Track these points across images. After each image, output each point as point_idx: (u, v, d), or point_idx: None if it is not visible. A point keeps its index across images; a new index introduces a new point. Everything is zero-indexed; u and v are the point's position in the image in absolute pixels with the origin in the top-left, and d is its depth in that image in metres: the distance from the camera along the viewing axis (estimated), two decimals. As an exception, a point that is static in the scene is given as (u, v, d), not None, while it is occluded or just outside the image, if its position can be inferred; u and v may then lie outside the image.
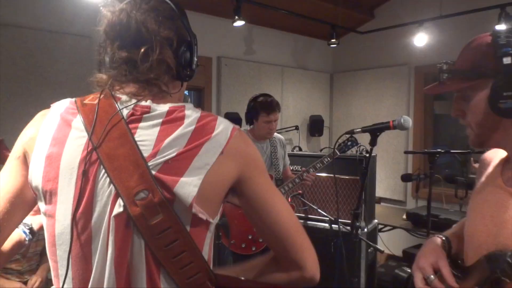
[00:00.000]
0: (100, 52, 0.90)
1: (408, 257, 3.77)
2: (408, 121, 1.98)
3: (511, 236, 0.91)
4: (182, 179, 0.77)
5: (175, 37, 0.86)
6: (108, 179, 0.77)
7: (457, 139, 4.67)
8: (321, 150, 4.62)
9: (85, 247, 0.78)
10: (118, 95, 0.85)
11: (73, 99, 0.88)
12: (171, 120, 0.82)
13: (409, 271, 3.44)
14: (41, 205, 0.83)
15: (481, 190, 1.05)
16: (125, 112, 0.82)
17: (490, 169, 1.06)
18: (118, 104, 0.83)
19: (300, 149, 4.23)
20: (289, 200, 2.90)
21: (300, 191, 3.09)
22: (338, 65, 5.20)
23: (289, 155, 3.03)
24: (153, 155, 0.78)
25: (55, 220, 0.80)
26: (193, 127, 0.81)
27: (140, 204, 0.75)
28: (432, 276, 1.01)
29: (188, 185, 0.77)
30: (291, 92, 4.70)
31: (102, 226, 0.77)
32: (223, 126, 0.85)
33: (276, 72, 4.54)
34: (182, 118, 0.82)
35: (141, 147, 0.78)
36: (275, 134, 2.82)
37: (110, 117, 0.81)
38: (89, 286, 0.78)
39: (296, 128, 4.51)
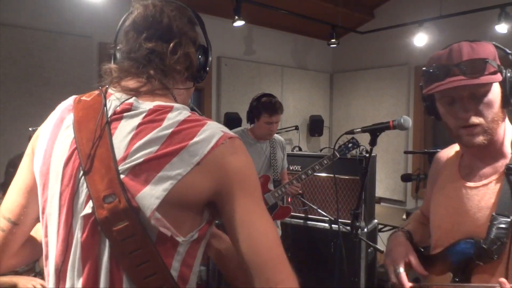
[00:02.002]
0: (115, 46, 0.91)
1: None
2: (408, 121, 1.98)
3: (473, 224, 1.03)
4: (146, 188, 0.73)
5: (197, 39, 0.92)
6: (84, 180, 0.77)
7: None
8: (321, 150, 4.62)
9: (64, 240, 0.79)
10: (112, 91, 0.85)
11: (75, 96, 0.89)
12: (149, 121, 0.78)
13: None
14: (39, 196, 0.85)
15: (443, 186, 1.17)
16: (112, 109, 0.81)
17: (447, 166, 1.19)
18: (107, 101, 0.83)
19: (300, 149, 4.23)
20: (289, 200, 2.90)
21: (300, 191, 3.09)
22: (338, 65, 5.20)
23: (289, 155, 3.03)
24: (123, 158, 0.76)
25: (46, 214, 0.83)
26: (169, 131, 0.76)
27: (107, 208, 0.74)
28: (401, 268, 1.11)
29: (150, 196, 0.73)
30: (291, 92, 4.70)
31: (77, 225, 0.78)
32: (207, 134, 0.76)
33: (276, 72, 4.54)
34: (161, 120, 0.77)
35: (116, 150, 0.77)
36: (276, 135, 2.82)
37: (97, 115, 0.81)
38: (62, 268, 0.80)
39: (296, 128, 4.51)
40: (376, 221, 3.31)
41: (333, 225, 3.00)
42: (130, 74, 0.86)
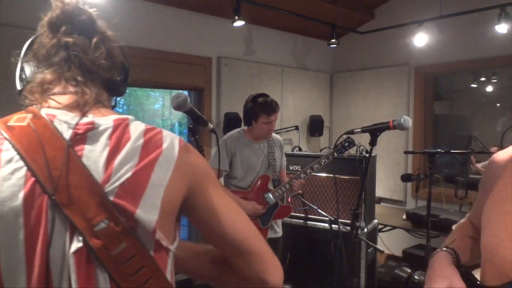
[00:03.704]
0: (24, 63, 0.86)
1: (408, 257, 3.77)
2: (408, 121, 1.98)
3: None
4: (142, 203, 0.71)
5: (116, 46, 0.86)
6: (61, 213, 0.69)
7: (457, 139, 4.67)
8: (321, 150, 4.62)
9: None
10: (50, 112, 0.75)
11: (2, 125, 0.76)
12: (120, 135, 0.74)
13: (409, 271, 3.47)
14: None
15: (501, 198, 0.92)
16: (66, 131, 0.73)
17: (508, 174, 0.94)
18: (55, 123, 0.73)
19: (300, 149, 4.23)
20: (289, 200, 2.90)
21: (300, 191, 3.09)
22: (338, 65, 5.20)
23: (289, 155, 3.03)
24: (107, 179, 0.70)
25: (1, 270, 0.69)
26: (141, 141, 0.75)
27: (100, 235, 0.69)
28: None
29: (149, 210, 0.71)
30: (291, 92, 4.70)
31: (60, 266, 0.69)
32: (170, 139, 0.79)
33: (276, 72, 4.54)
34: (128, 133, 0.76)
35: (92, 172, 0.70)
36: (274, 135, 2.80)
37: (50, 140, 0.71)
38: None
39: (296, 128, 4.51)
40: (376, 221, 3.31)
41: (333, 225, 3.00)
42: (54, 84, 0.79)
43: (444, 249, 1.03)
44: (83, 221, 0.69)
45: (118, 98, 0.96)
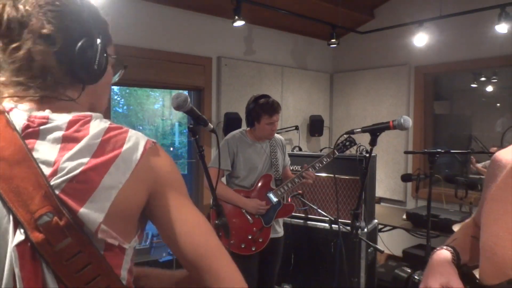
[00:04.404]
0: None
1: (408, 257, 3.78)
2: (408, 121, 1.98)
3: None
4: (88, 203, 0.69)
5: (60, 33, 0.75)
6: (4, 204, 0.68)
7: (457, 139, 4.67)
8: (321, 150, 4.62)
9: None
10: (8, 105, 0.75)
11: None
12: (74, 131, 0.72)
13: (409, 271, 3.47)
14: None
15: (500, 197, 0.93)
16: (18, 123, 0.72)
17: (508, 172, 0.93)
18: (10, 115, 0.73)
19: (300, 149, 4.23)
20: (289, 200, 2.90)
21: (300, 191, 3.09)
22: (338, 65, 5.20)
23: (289, 155, 3.03)
24: (54, 172, 0.69)
25: None
26: (99, 140, 0.72)
27: (43, 228, 0.66)
28: None
29: (94, 211, 0.69)
30: (291, 92, 4.70)
31: (4, 261, 0.68)
32: (134, 140, 0.75)
33: (276, 72, 4.54)
34: (86, 129, 0.73)
35: (41, 165, 0.69)
36: (275, 135, 2.81)
37: (2, 132, 0.71)
38: None
39: (296, 128, 4.51)
40: (376, 221, 3.31)
41: (333, 225, 3.00)
42: (15, 75, 0.75)
43: (445, 247, 1.03)
44: (26, 213, 0.67)
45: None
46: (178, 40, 3.70)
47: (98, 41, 0.79)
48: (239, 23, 3.40)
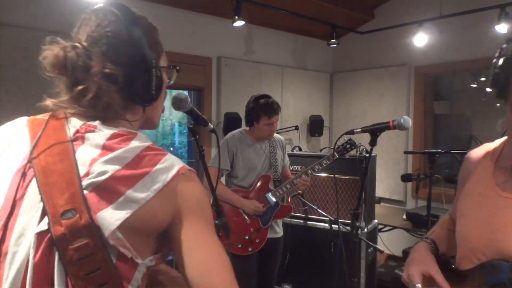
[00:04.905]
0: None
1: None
2: (408, 121, 1.98)
3: (509, 242, 0.89)
4: (109, 208, 0.71)
5: (120, 67, 0.80)
6: (39, 194, 0.73)
7: (457, 139, 4.67)
8: (321, 150, 4.62)
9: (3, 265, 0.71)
10: (70, 113, 0.84)
11: (28, 117, 0.89)
12: (114, 143, 0.77)
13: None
14: None
15: (473, 192, 1.02)
16: (73, 128, 0.80)
17: (479, 169, 1.04)
18: (68, 121, 0.82)
19: (300, 149, 4.23)
20: (289, 200, 2.90)
21: (300, 191, 3.09)
22: (338, 65, 5.20)
23: (289, 155, 3.03)
24: (87, 174, 0.74)
25: None
26: (134, 154, 0.76)
27: (65, 224, 0.69)
28: (419, 285, 1.00)
29: (111, 216, 0.71)
30: (291, 92, 4.70)
31: (22, 243, 0.71)
32: (169, 163, 0.78)
33: (276, 72, 4.54)
34: (126, 143, 0.78)
35: (79, 166, 0.74)
36: (275, 135, 2.80)
37: (57, 132, 0.79)
38: None
39: (296, 128, 4.51)
40: (376, 221, 3.31)
41: (333, 225, 3.00)
42: (81, 106, 0.82)
43: (424, 239, 1.15)
44: (53, 206, 0.71)
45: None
46: (178, 40, 3.70)
47: (153, 62, 0.83)
48: (239, 23, 3.40)
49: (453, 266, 1.04)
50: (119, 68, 0.80)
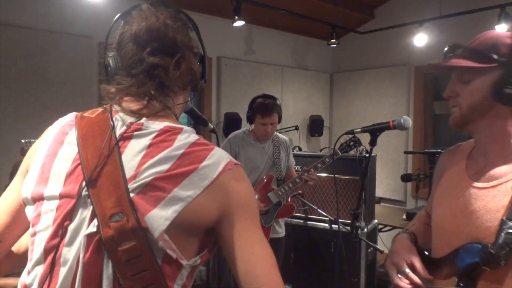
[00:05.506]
0: (109, 57, 0.87)
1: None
2: (408, 121, 1.98)
3: (480, 227, 0.98)
4: (156, 209, 0.72)
5: (196, 48, 0.90)
6: (88, 197, 0.74)
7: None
8: (321, 150, 4.62)
9: (55, 262, 0.75)
10: (117, 109, 0.84)
11: (77, 113, 0.87)
12: (160, 141, 0.78)
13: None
14: (28, 211, 0.81)
15: (447, 186, 1.13)
16: (119, 128, 0.80)
17: (453, 165, 1.15)
18: (114, 119, 0.82)
19: (300, 149, 4.23)
20: (289, 200, 2.90)
21: (300, 191, 3.09)
22: (338, 65, 5.20)
23: (289, 155, 3.03)
24: (133, 177, 0.74)
25: (36, 231, 0.78)
26: (180, 151, 0.76)
27: (113, 226, 0.71)
28: (407, 269, 1.07)
29: (159, 217, 0.72)
30: (291, 92, 4.70)
31: (74, 244, 0.74)
32: (216, 158, 0.78)
33: (276, 72, 4.54)
34: (172, 141, 0.78)
35: (125, 168, 0.75)
36: (280, 135, 2.82)
37: (104, 132, 0.79)
38: None
39: (296, 128, 4.51)
40: (376, 221, 3.31)
41: (333, 225, 3.00)
42: (130, 94, 0.84)
43: (405, 231, 1.24)
44: (102, 209, 0.73)
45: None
46: (178, 40, 3.70)
47: (203, 51, 0.90)
48: (239, 23, 3.40)
49: (426, 253, 1.13)
50: (196, 46, 0.87)
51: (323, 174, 3.18)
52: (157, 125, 0.80)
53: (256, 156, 2.68)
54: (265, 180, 2.67)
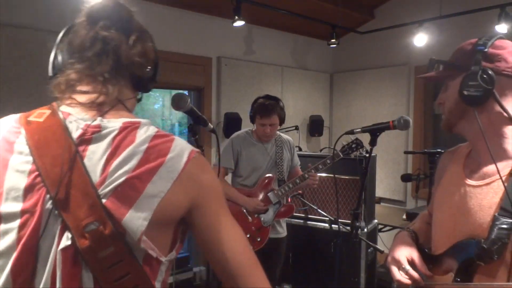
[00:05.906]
0: (57, 49, 0.83)
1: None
2: (408, 121, 1.98)
3: (475, 223, 1.03)
4: (132, 210, 0.70)
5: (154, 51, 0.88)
6: (55, 210, 0.71)
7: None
8: (321, 150, 4.62)
9: (26, 284, 0.71)
10: (66, 110, 0.79)
11: (18, 116, 0.81)
12: (122, 139, 0.75)
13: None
14: None
15: (446, 184, 1.18)
16: (75, 131, 0.76)
17: (452, 165, 1.20)
18: (67, 122, 0.76)
19: (300, 149, 4.22)
20: (289, 200, 2.90)
21: (300, 191, 3.09)
22: (338, 65, 5.20)
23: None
24: (102, 181, 0.71)
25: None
26: (144, 147, 0.74)
27: (89, 236, 0.69)
28: (407, 266, 1.12)
29: (137, 218, 0.70)
30: (291, 92, 4.70)
31: (48, 261, 0.70)
32: (179, 149, 0.77)
33: (276, 72, 4.54)
34: (132, 136, 0.76)
35: (91, 173, 0.72)
36: (284, 135, 2.83)
37: (59, 138, 0.74)
38: None
39: (296, 128, 4.51)
40: (376, 221, 3.31)
41: (333, 225, 3.00)
42: (82, 80, 0.80)
43: (406, 229, 1.28)
44: (74, 220, 0.70)
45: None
46: (178, 40, 3.70)
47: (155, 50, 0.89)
48: (239, 23, 3.40)
49: (425, 250, 1.17)
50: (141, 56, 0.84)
51: (323, 174, 3.18)
52: (115, 123, 0.77)
53: (258, 156, 2.68)
54: (265, 180, 2.68)
